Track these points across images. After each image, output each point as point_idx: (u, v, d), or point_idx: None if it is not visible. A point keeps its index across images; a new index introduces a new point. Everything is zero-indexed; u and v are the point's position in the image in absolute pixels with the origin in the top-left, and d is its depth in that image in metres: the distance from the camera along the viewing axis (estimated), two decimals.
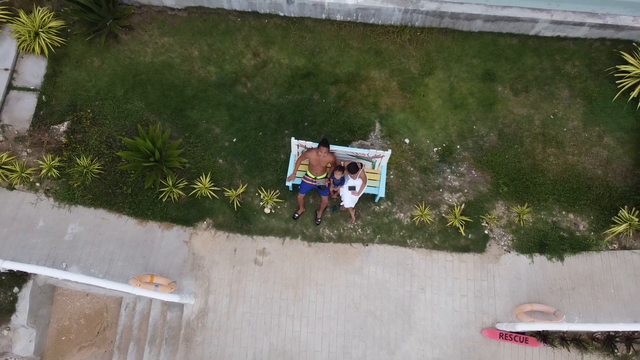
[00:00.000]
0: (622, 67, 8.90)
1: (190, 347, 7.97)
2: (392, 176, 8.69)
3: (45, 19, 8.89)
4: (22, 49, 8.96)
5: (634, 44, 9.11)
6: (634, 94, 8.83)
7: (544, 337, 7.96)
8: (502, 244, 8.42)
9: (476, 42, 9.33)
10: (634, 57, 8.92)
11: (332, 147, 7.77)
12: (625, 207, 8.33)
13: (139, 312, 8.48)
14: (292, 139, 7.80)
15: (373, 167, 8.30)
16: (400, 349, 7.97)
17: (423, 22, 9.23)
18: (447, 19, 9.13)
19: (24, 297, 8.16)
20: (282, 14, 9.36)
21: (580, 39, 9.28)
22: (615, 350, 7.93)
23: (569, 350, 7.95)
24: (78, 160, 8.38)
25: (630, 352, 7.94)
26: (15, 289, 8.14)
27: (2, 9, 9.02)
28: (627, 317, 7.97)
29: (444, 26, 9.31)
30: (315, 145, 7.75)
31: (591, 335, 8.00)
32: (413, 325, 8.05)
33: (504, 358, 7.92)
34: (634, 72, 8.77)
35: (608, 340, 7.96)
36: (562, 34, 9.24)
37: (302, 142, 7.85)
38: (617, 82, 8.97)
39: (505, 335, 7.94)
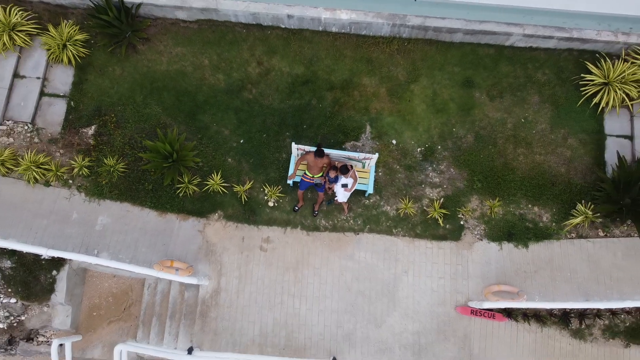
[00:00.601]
0: (587, 76, 9.99)
1: (206, 322, 9.30)
2: (380, 173, 9.89)
3: (71, 32, 9.94)
4: (52, 59, 10.04)
5: (597, 55, 10.19)
6: (595, 100, 9.94)
7: (509, 313, 9.28)
8: (476, 233, 9.67)
9: (457, 52, 10.41)
10: (597, 67, 10.01)
11: (328, 151, 8.94)
12: (582, 201, 9.54)
13: (160, 292, 9.79)
14: (293, 143, 8.99)
15: (363, 167, 9.50)
16: (386, 323, 9.30)
17: (410, 34, 10.29)
18: (431, 32, 10.18)
19: (62, 279, 9.46)
20: (283, 26, 10.40)
21: (551, 49, 10.36)
22: (570, 324, 9.26)
23: (529, 324, 9.28)
24: (105, 160, 9.57)
25: (582, 326, 9.28)
26: (54, 272, 9.43)
27: (33, 23, 10.05)
28: (580, 297, 9.27)
29: (428, 37, 10.37)
30: (312, 149, 8.93)
31: (549, 312, 9.32)
32: (397, 303, 9.37)
33: (474, 331, 9.26)
34: (597, 80, 9.87)
35: (564, 316, 9.28)
36: (534, 44, 10.30)
37: (301, 146, 9.04)
38: (581, 89, 10.07)
39: (475, 312, 9.25)
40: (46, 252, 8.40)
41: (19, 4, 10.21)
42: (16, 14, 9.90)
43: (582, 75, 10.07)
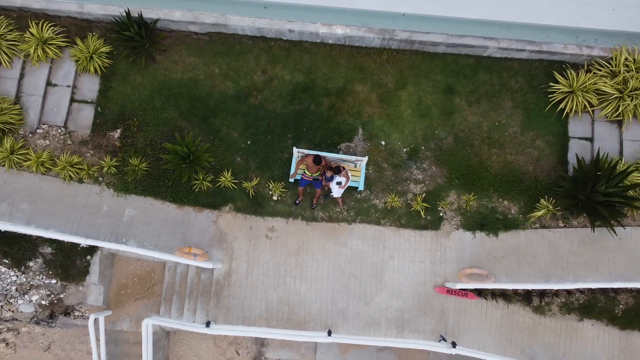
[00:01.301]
0: (554, 85, 11.28)
1: (219, 299, 10.85)
2: (370, 171, 11.29)
3: (97, 45, 11.19)
4: (80, 69, 11.31)
5: (564, 65, 11.45)
6: (561, 105, 11.26)
7: (479, 292, 10.83)
8: (453, 223, 11.13)
9: (440, 62, 11.67)
10: (563, 77, 11.29)
11: (324, 154, 10.32)
12: (546, 196, 10.98)
13: (179, 273, 11.32)
14: (294, 147, 10.37)
15: (355, 167, 10.90)
16: (374, 300, 10.85)
17: (398, 46, 11.53)
18: (417, 44, 11.42)
19: (95, 263, 10.98)
20: (285, 38, 11.63)
21: (523, 60, 11.61)
22: (532, 302, 10.81)
23: (497, 302, 10.83)
24: (130, 160, 10.96)
25: (542, 303, 10.83)
26: (89, 257, 10.94)
27: (62, 36, 11.29)
28: (541, 279, 10.78)
29: (414, 49, 11.61)
30: (311, 152, 10.32)
31: (514, 291, 10.86)
32: (384, 284, 10.90)
33: (449, 307, 10.82)
34: (562, 89, 11.16)
35: (527, 295, 10.83)
36: (509, 55, 11.55)
37: (301, 150, 10.41)
38: (549, 96, 11.38)
39: (451, 291, 10.79)
40: (84, 242, 9.94)
41: (50, 19, 11.42)
42: (47, 29, 11.13)
43: (550, 84, 11.35)
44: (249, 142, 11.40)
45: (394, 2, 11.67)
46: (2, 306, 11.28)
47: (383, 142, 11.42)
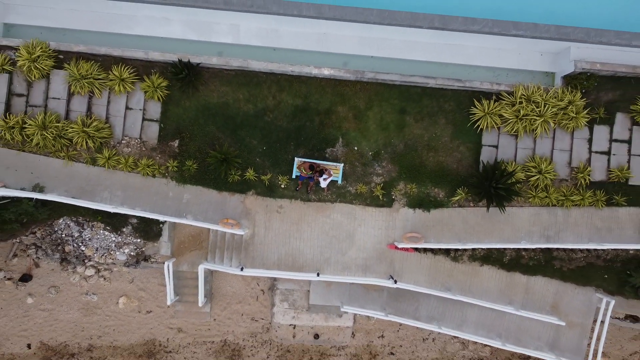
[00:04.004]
0: (473, 109, 16.41)
1: (247, 252, 16.71)
2: (347, 168, 16.73)
3: (159, 82, 16.24)
4: (147, 97, 16.43)
5: (481, 95, 16.51)
6: (478, 123, 16.44)
7: (416, 248, 16.65)
8: (401, 203, 16.73)
9: (397, 91, 16.69)
10: (480, 104, 16.39)
11: (315, 161, 15.74)
12: (462, 186, 16.49)
13: (220, 234, 17.10)
14: (295, 157, 15.80)
15: (336, 167, 16.37)
16: (348, 253, 16.69)
17: (367, 79, 16.54)
18: (381, 79, 16.44)
19: (165, 228, 16.76)
20: (288, 74, 16.61)
21: (454, 90, 16.62)
22: (450, 254, 16.67)
23: (427, 254, 16.69)
24: (186, 162, 16.40)
25: (457, 255, 16.69)
26: (161, 225, 16.71)
27: (134, 74, 16.30)
28: (457, 241, 16.52)
29: (379, 81, 16.61)
30: (305, 159, 15.75)
31: (439, 249, 16.67)
32: (354, 243, 16.69)
33: (396, 258, 16.68)
34: (478, 113, 16.31)
35: (446, 250, 16.66)
36: (444, 87, 16.56)
37: (300, 158, 15.85)
38: (470, 116, 16.53)
39: (397, 248, 16.60)
40: (163, 218, 15.65)
41: (124, 62, 16.37)
42: (124, 70, 16.14)
43: (471, 108, 16.48)
44: (264, 148, 16.75)
45: (364, 48, 16.66)
46: (105, 255, 17.21)
47: (356, 148, 16.77)
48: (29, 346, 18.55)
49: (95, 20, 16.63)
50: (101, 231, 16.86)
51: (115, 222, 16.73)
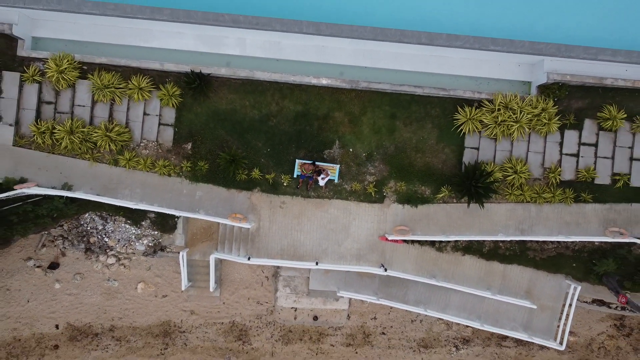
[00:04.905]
0: (457, 115, 18.19)
1: (253, 244, 18.65)
2: (343, 167, 18.58)
3: (173, 90, 18.00)
4: (163, 104, 18.22)
5: (464, 103, 18.28)
6: (462, 127, 18.23)
7: (405, 240, 18.58)
8: (392, 199, 18.62)
9: (388, 98, 18.46)
10: (463, 110, 18.16)
11: (315, 162, 17.59)
12: (446, 184, 18.36)
13: (229, 227, 19.02)
14: (297, 160, 17.65)
15: (333, 167, 18.22)
16: (343, 244, 18.63)
17: (361, 88, 18.31)
18: (373, 88, 18.20)
19: (180, 221, 18.70)
20: (290, 83, 18.36)
21: (440, 97, 18.38)
22: (435, 245, 18.62)
23: (414, 245, 18.63)
24: (198, 163, 18.24)
25: (441, 245, 18.64)
26: (176, 219, 18.64)
27: (151, 83, 18.05)
28: (441, 233, 18.44)
29: (372, 89, 18.38)
30: (305, 161, 17.60)
31: (425, 240, 18.61)
32: (349, 235, 18.62)
33: (387, 249, 18.62)
34: (462, 119, 18.10)
35: (432, 242, 18.60)
36: (431, 94, 18.31)
37: (300, 160, 17.70)
38: (454, 121, 18.31)
39: (388, 239, 18.52)
40: (178, 213, 17.58)
41: (141, 72, 18.11)
42: (142, 80, 17.89)
43: (455, 114, 18.26)
44: (268, 150, 18.58)
45: (359, 60, 18.42)
46: (126, 246, 19.17)
47: (351, 149, 18.60)
48: (57, 327, 20.63)
49: (115, 34, 18.32)
50: (122, 224, 18.80)
51: (135, 216, 18.66)
